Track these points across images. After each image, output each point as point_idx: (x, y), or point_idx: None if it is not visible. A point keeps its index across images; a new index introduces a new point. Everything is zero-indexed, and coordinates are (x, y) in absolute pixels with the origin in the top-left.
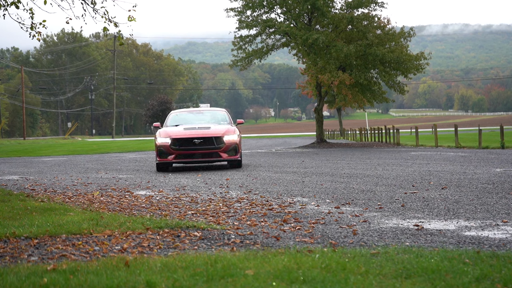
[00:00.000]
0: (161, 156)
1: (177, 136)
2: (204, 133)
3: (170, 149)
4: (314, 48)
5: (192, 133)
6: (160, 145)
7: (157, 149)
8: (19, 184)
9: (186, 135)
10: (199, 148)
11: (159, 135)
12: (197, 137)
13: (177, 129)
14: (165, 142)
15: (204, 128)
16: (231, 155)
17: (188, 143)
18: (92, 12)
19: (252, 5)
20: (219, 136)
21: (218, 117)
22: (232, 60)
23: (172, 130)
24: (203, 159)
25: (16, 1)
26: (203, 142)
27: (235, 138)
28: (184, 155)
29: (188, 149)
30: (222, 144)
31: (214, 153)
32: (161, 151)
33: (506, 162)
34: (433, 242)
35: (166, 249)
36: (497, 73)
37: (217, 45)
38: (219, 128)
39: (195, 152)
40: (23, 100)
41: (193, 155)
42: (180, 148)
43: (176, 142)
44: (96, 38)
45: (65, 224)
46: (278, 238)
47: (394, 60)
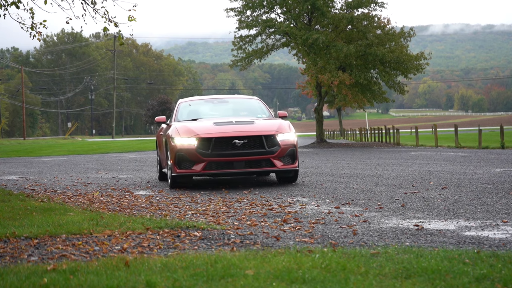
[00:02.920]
0: (181, 166)
1: (209, 135)
2: (248, 130)
3: (196, 154)
4: (314, 48)
5: (230, 130)
6: (180, 149)
7: (175, 155)
8: (19, 184)
9: (222, 133)
10: (242, 153)
11: (175, 133)
12: (239, 135)
13: (203, 125)
14: (189, 143)
15: (244, 122)
16: (287, 163)
17: (226, 145)
18: (92, 12)
19: (252, 5)
20: (271, 134)
21: (251, 107)
22: (232, 60)
23: (196, 126)
24: (246, 169)
25: (16, 1)
26: (248, 143)
27: (293, 138)
28: (219, 164)
29: (226, 154)
30: (276, 147)
31: (263, 161)
32: (182, 157)
33: (506, 162)
34: (433, 242)
35: (166, 249)
36: (497, 73)
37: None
38: (267, 123)
39: (236, 159)
40: (23, 100)
41: (232, 164)
42: (213, 153)
43: (207, 144)
44: (96, 38)
45: (65, 224)
46: (278, 238)
47: (394, 60)
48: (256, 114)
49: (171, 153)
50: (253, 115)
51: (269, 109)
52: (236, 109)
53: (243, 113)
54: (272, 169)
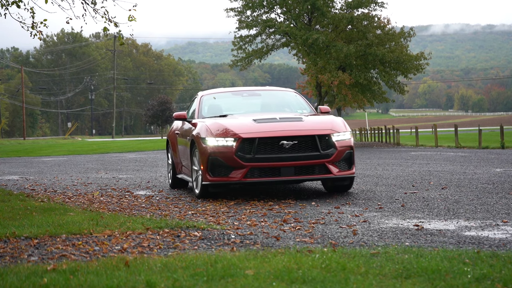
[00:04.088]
0: (215, 172)
1: (252, 134)
2: (299, 129)
3: (235, 158)
4: (314, 48)
5: (277, 129)
6: (214, 152)
7: (207, 159)
8: (19, 184)
9: (268, 133)
10: (291, 156)
11: (207, 133)
12: (287, 135)
13: (241, 122)
14: (225, 145)
15: (291, 119)
16: (343, 168)
17: (271, 147)
18: (92, 12)
19: (252, 5)
20: (326, 134)
21: (289, 101)
22: (232, 60)
23: (233, 124)
24: (296, 177)
25: (17, 1)
26: (298, 145)
27: (349, 138)
28: (263, 170)
29: (272, 158)
30: (332, 149)
31: (316, 166)
32: (217, 162)
33: (506, 162)
34: (433, 242)
35: (166, 249)
36: (497, 73)
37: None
38: (318, 120)
39: (284, 164)
40: (23, 100)
41: (278, 171)
42: (256, 158)
43: (249, 146)
44: (96, 38)
45: (65, 224)
46: (278, 238)
47: (394, 60)
48: (296, 109)
49: (202, 157)
50: (292, 111)
51: (309, 103)
52: (270, 104)
53: (281, 108)
54: (327, 177)
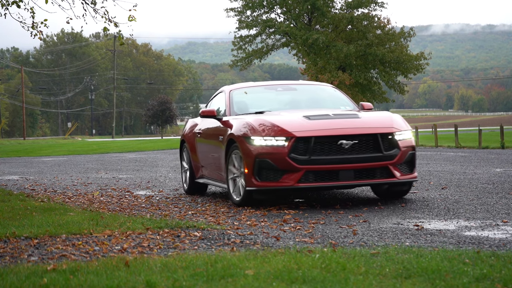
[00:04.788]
0: (262, 176)
1: (308, 133)
2: (359, 127)
3: (288, 160)
4: (314, 48)
5: (334, 127)
6: (262, 153)
7: (254, 161)
8: (19, 184)
9: (326, 131)
10: (350, 158)
11: (251, 131)
12: (347, 134)
13: (291, 119)
14: (276, 145)
15: (347, 116)
16: (405, 171)
17: (329, 147)
18: (93, 12)
19: (252, 5)
20: (389, 132)
21: (329, 97)
22: (232, 60)
23: (283, 121)
24: (356, 181)
25: (17, 0)
26: (358, 145)
27: (411, 138)
28: (319, 174)
29: (330, 160)
30: (395, 150)
31: (378, 169)
32: (266, 165)
33: (506, 162)
34: (433, 242)
35: (166, 249)
36: (497, 73)
37: (217, 45)
38: (376, 116)
39: (343, 167)
40: (23, 100)
41: (336, 174)
42: (312, 159)
43: (305, 146)
44: (96, 38)
45: (65, 224)
46: (278, 238)
47: (394, 60)
48: (338, 105)
49: (246, 159)
50: (334, 107)
51: (350, 99)
52: (309, 99)
53: (321, 104)
54: (390, 181)
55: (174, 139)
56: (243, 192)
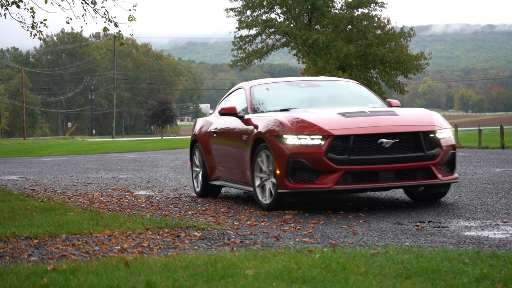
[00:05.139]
0: (296, 178)
1: (346, 131)
2: (400, 124)
3: (326, 160)
4: (314, 48)
5: (374, 124)
6: (296, 153)
7: (287, 162)
8: (19, 184)
9: (365, 129)
10: (391, 158)
11: (283, 129)
12: (387, 132)
13: (325, 116)
14: (312, 144)
15: (384, 113)
16: (446, 172)
17: (368, 146)
18: (92, 12)
19: (252, 5)
20: (431, 130)
21: (356, 93)
22: (232, 60)
23: (317, 118)
24: (396, 183)
25: (17, 1)
26: (399, 144)
27: (450, 136)
28: (358, 175)
29: (370, 160)
30: (437, 149)
31: (419, 170)
32: (300, 165)
33: (506, 162)
34: (433, 242)
35: (166, 249)
36: (497, 73)
37: (217, 45)
38: (414, 113)
39: (383, 167)
40: (23, 100)
41: (376, 175)
42: (351, 159)
43: (343, 145)
44: (96, 38)
45: (65, 224)
46: (278, 238)
47: (394, 60)
48: (366, 102)
49: (278, 159)
50: (362, 104)
51: (377, 96)
52: (336, 96)
53: (349, 101)
54: (432, 182)
55: (174, 139)
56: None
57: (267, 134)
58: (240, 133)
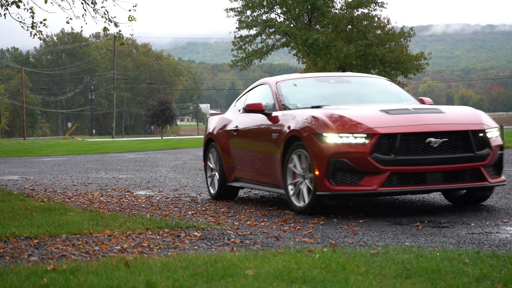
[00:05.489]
0: (338, 179)
1: (393, 129)
2: (447, 123)
3: (371, 161)
4: (314, 48)
5: (420, 122)
6: (337, 152)
7: (328, 162)
8: (19, 184)
9: (413, 127)
10: (438, 159)
11: (322, 126)
12: (435, 131)
13: (368, 113)
14: (355, 143)
15: (428, 110)
16: (493, 174)
17: (416, 146)
18: (92, 12)
19: (252, 5)
20: (480, 129)
21: (388, 90)
22: (232, 60)
23: (360, 115)
24: (444, 185)
25: (17, 1)
26: (447, 143)
27: (497, 136)
28: (404, 177)
29: (416, 161)
30: (487, 150)
31: (467, 172)
32: (343, 165)
33: (506, 162)
34: (433, 242)
35: (166, 249)
36: (497, 73)
37: (217, 45)
38: (460, 111)
39: (430, 168)
40: (23, 100)
41: (423, 177)
42: (397, 160)
43: (389, 144)
44: (96, 38)
45: (65, 224)
46: (278, 238)
47: (394, 60)
48: (400, 100)
49: (317, 159)
50: (397, 102)
51: (409, 93)
52: (368, 92)
53: (382, 98)
54: (481, 185)
55: (174, 139)
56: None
57: (303, 132)
58: (268, 131)
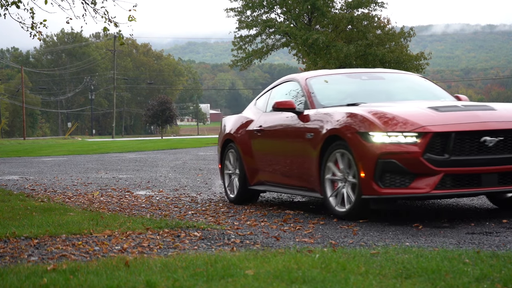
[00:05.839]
0: (386, 181)
1: (447, 127)
2: (503, 120)
3: (423, 161)
4: (314, 48)
5: (475, 120)
6: (385, 152)
7: (376, 163)
8: (19, 184)
9: (467, 125)
10: (494, 159)
11: (368, 125)
12: (489, 129)
13: (416, 111)
14: (405, 143)
15: (478, 107)
16: None
17: (470, 145)
18: (92, 12)
19: (252, 5)
20: None
21: (424, 88)
22: (232, 60)
23: (408, 113)
24: (500, 187)
25: (16, 1)
26: (503, 143)
27: None
28: (458, 178)
29: (471, 161)
30: None
31: None
32: (392, 167)
33: None
34: (433, 242)
35: (166, 249)
36: (497, 73)
37: (217, 45)
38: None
39: (485, 169)
40: (23, 100)
41: (478, 179)
42: (452, 160)
43: (442, 144)
44: (96, 38)
45: (65, 224)
46: (278, 238)
47: (394, 60)
48: (438, 97)
49: (363, 160)
50: (435, 99)
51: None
52: (404, 89)
53: (419, 95)
54: None
55: (174, 139)
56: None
57: (346, 131)
58: (301, 131)
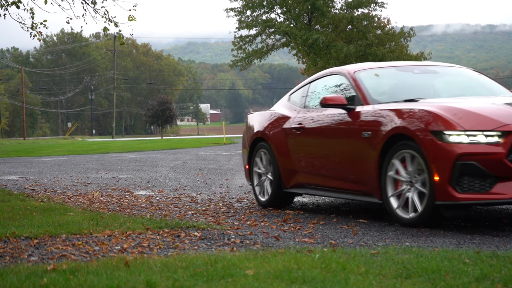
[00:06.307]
0: (464, 185)
1: None
2: None
3: (507, 163)
4: (314, 48)
5: None
6: (464, 153)
7: (453, 165)
8: (19, 184)
9: None
10: None
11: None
12: None
13: (495, 107)
14: (486, 143)
15: None
16: None
17: None
18: (92, 12)
19: (252, 5)
20: None
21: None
22: (232, 60)
23: (488, 110)
24: None
25: (16, 1)
26: None
27: None
28: None
29: None
30: None
31: None
32: (472, 168)
33: None
34: (433, 242)
35: (166, 249)
36: (497, 73)
37: (217, 45)
38: None
39: None
40: (23, 100)
41: None
42: None
43: None
44: (96, 38)
45: (65, 224)
46: (278, 238)
47: (394, 60)
48: (497, 92)
49: (437, 162)
50: (494, 94)
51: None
52: (461, 84)
53: (479, 91)
54: None
55: (174, 139)
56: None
57: (416, 130)
58: (356, 129)
